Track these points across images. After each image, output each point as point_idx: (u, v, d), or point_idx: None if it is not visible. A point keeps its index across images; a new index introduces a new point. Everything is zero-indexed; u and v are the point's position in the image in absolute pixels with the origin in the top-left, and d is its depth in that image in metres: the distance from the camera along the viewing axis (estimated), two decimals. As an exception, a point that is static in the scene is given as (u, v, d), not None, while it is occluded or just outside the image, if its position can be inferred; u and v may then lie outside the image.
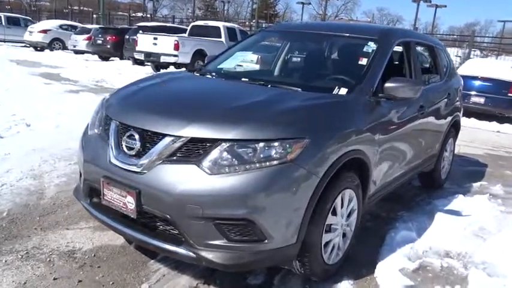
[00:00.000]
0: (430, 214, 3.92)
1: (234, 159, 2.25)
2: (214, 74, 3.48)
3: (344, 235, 2.84)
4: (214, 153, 2.26)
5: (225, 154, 2.26)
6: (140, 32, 15.05)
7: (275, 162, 2.25)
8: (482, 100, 10.11)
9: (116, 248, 2.94)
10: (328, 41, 3.66)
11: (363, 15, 67.89)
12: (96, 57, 19.11)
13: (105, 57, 18.82)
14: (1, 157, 4.46)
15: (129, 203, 2.40)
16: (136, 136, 2.42)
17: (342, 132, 2.59)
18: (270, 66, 3.81)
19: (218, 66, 3.68)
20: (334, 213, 2.63)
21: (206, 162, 2.26)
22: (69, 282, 2.51)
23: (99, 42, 18.35)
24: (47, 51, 20.79)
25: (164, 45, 13.88)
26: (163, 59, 13.89)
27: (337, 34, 3.62)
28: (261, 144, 2.27)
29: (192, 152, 2.31)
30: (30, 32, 21.39)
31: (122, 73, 13.56)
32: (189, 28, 16.58)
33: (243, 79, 3.27)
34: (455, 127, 4.89)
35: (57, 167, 4.37)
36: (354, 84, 3.01)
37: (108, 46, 18.12)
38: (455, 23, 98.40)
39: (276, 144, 2.27)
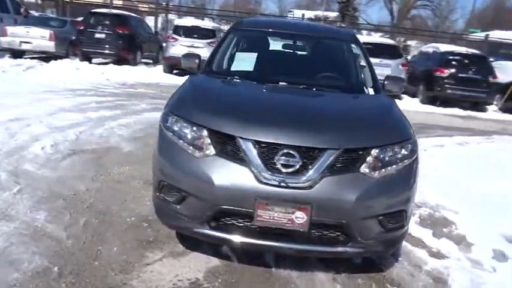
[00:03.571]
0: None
1: (384, 162, 2.65)
2: (239, 77, 3.48)
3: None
4: (369, 159, 2.61)
5: (377, 159, 2.63)
6: None
7: (408, 160, 2.76)
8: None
9: (225, 268, 2.87)
10: (319, 43, 4.10)
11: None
12: None
13: None
14: None
15: (297, 218, 2.49)
16: (296, 154, 2.50)
17: None
18: (269, 66, 3.89)
19: (233, 69, 3.66)
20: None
21: (365, 168, 2.59)
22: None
23: None
24: None
25: None
26: None
27: (324, 36, 4.11)
28: (398, 147, 2.73)
29: (348, 161, 2.59)
30: None
31: None
32: None
33: (280, 83, 3.46)
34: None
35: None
36: (374, 84, 3.65)
37: None
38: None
39: (404, 145, 2.77)
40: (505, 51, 23.35)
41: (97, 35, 13.23)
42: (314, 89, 3.39)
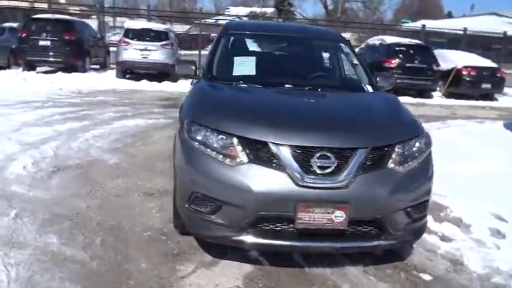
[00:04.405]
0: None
1: (407, 157, 2.80)
2: (243, 82, 3.49)
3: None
4: (394, 155, 2.75)
5: (401, 154, 2.78)
6: None
7: (425, 153, 2.93)
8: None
9: (259, 272, 2.89)
10: (311, 44, 4.19)
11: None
12: None
13: None
14: None
15: (337, 217, 2.59)
16: (331, 155, 2.58)
17: None
18: (271, 70, 3.88)
19: (235, 74, 3.64)
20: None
21: (391, 164, 2.73)
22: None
23: None
24: None
25: None
26: None
27: (315, 37, 4.22)
28: (417, 141, 2.89)
29: (376, 158, 2.71)
30: None
31: None
32: None
33: (286, 85, 3.52)
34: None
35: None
36: (370, 81, 3.80)
37: None
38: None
39: (420, 138, 2.94)
40: (435, 40, 24.84)
41: (42, 42, 12.51)
42: (319, 90, 3.49)
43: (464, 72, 13.93)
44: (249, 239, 2.65)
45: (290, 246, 2.70)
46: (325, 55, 4.23)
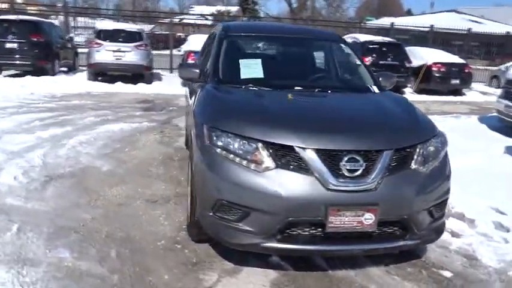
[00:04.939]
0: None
1: (427, 157, 2.84)
2: (253, 85, 3.43)
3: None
4: (416, 156, 2.78)
5: (422, 154, 2.81)
6: None
7: (443, 152, 2.98)
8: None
9: (285, 278, 2.86)
10: (313, 45, 4.18)
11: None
12: None
13: None
14: None
15: (366, 220, 2.59)
16: (359, 158, 2.58)
17: None
18: (278, 72, 3.83)
19: (243, 77, 3.57)
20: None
21: (414, 165, 2.76)
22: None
23: None
24: None
25: None
26: None
27: (316, 38, 4.21)
28: (434, 140, 2.94)
29: (400, 159, 2.74)
30: None
31: None
32: None
33: (295, 87, 3.49)
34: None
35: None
36: (374, 82, 3.83)
37: None
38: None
39: (438, 138, 3.00)
40: (398, 37, 25.47)
41: (8, 45, 11.94)
42: (329, 91, 3.49)
43: (434, 69, 14.35)
44: (277, 245, 2.62)
45: (319, 251, 2.69)
46: (328, 56, 4.24)
